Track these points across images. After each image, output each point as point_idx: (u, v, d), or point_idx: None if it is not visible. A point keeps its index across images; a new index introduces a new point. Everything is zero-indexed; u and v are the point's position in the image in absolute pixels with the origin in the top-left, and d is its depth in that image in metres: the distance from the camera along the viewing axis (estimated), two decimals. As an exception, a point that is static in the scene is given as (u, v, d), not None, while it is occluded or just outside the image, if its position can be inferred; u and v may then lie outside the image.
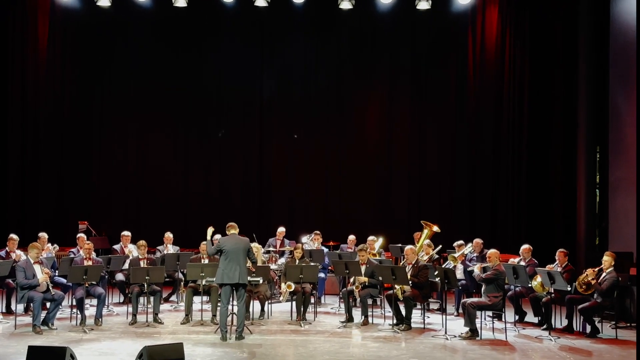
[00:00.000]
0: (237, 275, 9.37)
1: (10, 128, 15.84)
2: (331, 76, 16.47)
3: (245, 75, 16.43)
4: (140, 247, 11.45)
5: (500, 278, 9.97)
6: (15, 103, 15.85)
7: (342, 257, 12.07)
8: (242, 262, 9.47)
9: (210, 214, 15.95)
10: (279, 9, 15.68)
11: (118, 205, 16.30)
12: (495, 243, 13.04)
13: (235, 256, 9.43)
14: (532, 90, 15.62)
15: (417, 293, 10.36)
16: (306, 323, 10.63)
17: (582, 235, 14.68)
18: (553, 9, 15.46)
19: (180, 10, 15.36)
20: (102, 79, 16.42)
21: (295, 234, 14.14)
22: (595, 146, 14.89)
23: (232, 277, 9.38)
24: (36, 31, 15.87)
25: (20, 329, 9.99)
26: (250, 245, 9.76)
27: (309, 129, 16.46)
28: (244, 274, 9.44)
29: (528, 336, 10.10)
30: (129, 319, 10.56)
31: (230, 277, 9.39)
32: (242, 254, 9.48)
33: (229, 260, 9.41)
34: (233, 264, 9.39)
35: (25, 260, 10.09)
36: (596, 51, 14.75)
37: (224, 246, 9.50)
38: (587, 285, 10.07)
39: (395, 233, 14.73)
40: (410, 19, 15.98)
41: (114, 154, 16.45)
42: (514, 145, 15.67)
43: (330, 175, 16.42)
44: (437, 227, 12.58)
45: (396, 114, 16.37)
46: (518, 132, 15.67)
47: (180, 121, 16.54)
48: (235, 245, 9.48)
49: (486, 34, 15.87)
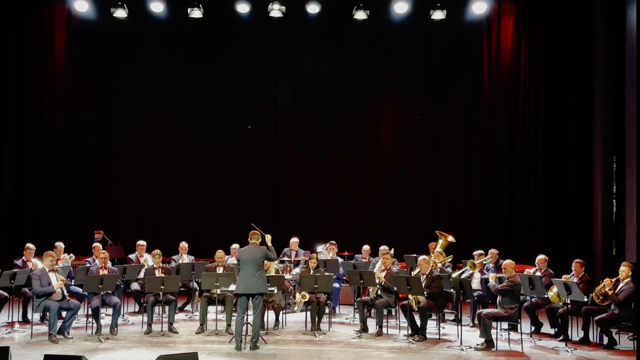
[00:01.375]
0: (251, 285, 9.42)
1: (27, 138, 15.95)
2: (345, 86, 16.50)
3: (259, 85, 16.49)
4: (156, 256, 11.49)
5: (515, 289, 9.91)
6: (32, 113, 15.97)
7: (356, 267, 12.05)
8: (258, 272, 9.49)
9: (224, 223, 16.04)
10: (294, 19, 15.73)
11: (133, 214, 16.36)
12: (511, 253, 12.98)
13: (250, 266, 9.47)
14: (547, 99, 15.56)
15: (432, 304, 10.32)
16: (321, 333, 10.61)
17: (598, 246, 14.56)
18: (568, 18, 15.41)
19: (195, 21, 15.47)
20: (118, 89, 16.52)
21: (309, 244, 14.14)
22: (612, 156, 14.78)
23: (247, 287, 9.43)
24: (53, 42, 16.00)
25: (37, 338, 10.04)
26: (265, 252, 9.72)
27: (323, 139, 16.46)
28: (259, 283, 9.46)
29: (544, 347, 10.02)
30: (144, 329, 10.59)
31: (245, 287, 9.44)
32: (256, 264, 9.51)
33: (245, 271, 9.47)
34: (248, 274, 9.44)
35: (41, 269, 10.15)
36: (612, 60, 14.67)
37: (240, 256, 9.62)
38: (604, 296, 9.99)
39: (410, 243, 14.71)
40: (424, 29, 15.98)
41: (130, 163, 16.54)
42: (530, 155, 15.59)
43: (345, 185, 16.41)
44: (452, 237, 12.53)
45: (410, 124, 16.34)
46: (534, 141, 15.59)
47: (195, 131, 16.61)
48: (250, 256, 9.53)
49: (501, 43, 15.83)
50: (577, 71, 15.33)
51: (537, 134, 15.58)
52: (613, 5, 14.59)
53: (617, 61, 14.50)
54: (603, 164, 14.72)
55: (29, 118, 15.97)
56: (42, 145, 16.07)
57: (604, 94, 14.77)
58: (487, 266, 11.79)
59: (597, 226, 14.66)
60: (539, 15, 15.66)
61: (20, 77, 15.96)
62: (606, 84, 14.73)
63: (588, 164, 15.04)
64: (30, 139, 15.98)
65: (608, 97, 14.72)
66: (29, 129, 15.98)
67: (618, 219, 14.57)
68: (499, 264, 11.32)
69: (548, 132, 15.52)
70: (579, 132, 15.25)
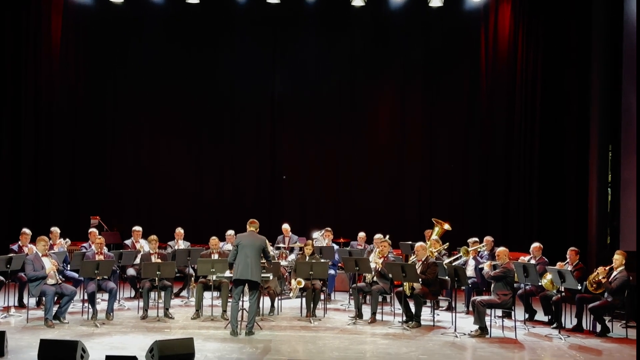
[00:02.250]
0: (249, 272, 9.44)
1: (24, 124, 15.91)
2: (343, 75, 16.49)
3: (257, 74, 16.47)
4: (152, 242, 11.53)
5: (509, 276, 9.97)
6: (29, 100, 15.93)
7: (352, 254, 12.09)
8: (255, 260, 9.52)
9: (221, 210, 16.08)
10: (291, 8, 15.68)
11: (130, 200, 16.39)
12: (507, 241, 13.01)
13: (250, 252, 9.49)
14: (544, 88, 15.55)
15: (427, 290, 10.37)
16: (316, 319, 10.66)
17: (593, 234, 14.61)
18: (566, 8, 15.37)
19: (192, 7, 15.40)
20: (115, 76, 16.49)
21: (306, 231, 14.17)
22: (607, 145, 14.80)
23: (243, 273, 9.45)
24: (49, 29, 15.95)
25: (33, 323, 10.07)
26: (267, 243, 9.79)
27: (321, 127, 16.48)
28: (256, 271, 9.49)
29: (538, 335, 10.08)
30: (140, 314, 10.64)
31: (242, 273, 9.46)
32: (255, 252, 9.53)
33: (244, 256, 9.48)
34: (247, 260, 9.46)
35: (34, 254, 10.18)
36: (609, 50, 14.66)
37: (239, 241, 9.62)
38: (597, 284, 10.05)
39: (406, 231, 14.78)
40: (422, 17, 15.96)
41: (126, 150, 16.54)
42: (526, 143, 15.61)
43: (342, 172, 16.43)
44: (448, 224, 12.56)
45: (408, 113, 16.36)
46: (530, 130, 15.61)
47: (193, 118, 16.59)
48: (251, 242, 9.56)
49: (499, 32, 15.83)
50: (574, 60, 15.31)
51: (534, 122, 15.58)
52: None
53: (614, 51, 14.49)
54: (599, 153, 14.74)
55: (25, 104, 15.93)
56: (39, 131, 16.05)
57: (600, 83, 14.76)
58: (481, 253, 11.85)
59: (592, 214, 14.70)
60: (536, 4, 15.62)
61: (16, 63, 15.90)
62: (603, 74, 14.72)
63: (584, 153, 15.05)
64: (27, 125, 15.95)
65: (605, 87, 14.71)
66: (25, 116, 15.94)
67: (613, 207, 14.61)
68: (494, 251, 11.36)
69: (545, 121, 15.53)
70: (576, 121, 15.26)
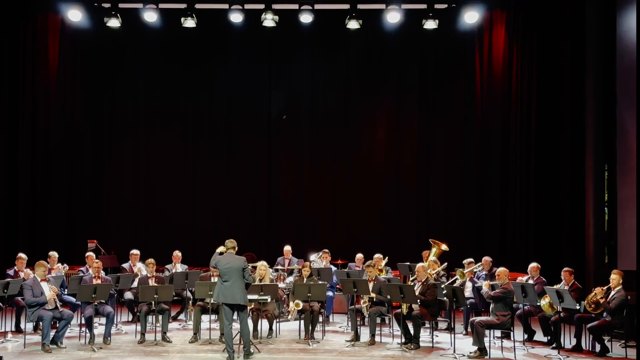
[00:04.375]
0: (231, 295, 9.34)
1: (20, 147, 15.92)
2: (339, 94, 16.55)
3: (253, 94, 16.53)
4: (149, 265, 11.50)
5: (508, 297, 9.96)
6: (26, 122, 15.93)
7: (350, 275, 12.07)
8: (238, 283, 9.38)
9: (218, 232, 16.01)
10: (287, 29, 15.75)
11: (127, 224, 16.35)
12: (504, 262, 12.99)
13: (229, 276, 9.37)
14: (539, 108, 15.61)
15: (425, 311, 10.35)
16: (314, 342, 10.63)
17: (590, 254, 14.62)
18: (560, 28, 15.50)
19: (189, 31, 15.47)
20: (112, 98, 16.52)
21: (303, 253, 14.15)
22: (603, 164, 14.86)
23: (227, 297, 9.36)
24: (46, 51, 16.00)
25: (30, 348, 10.01)
26: (246, 264, 9.60)
27: (317, 147, 16.51)
28: (240, 294, 9.39)
29: (537, 355, 10.06)
30: (138, 338, 10.59)
31: (225, 296, 9.36)
32: (235, 274, 9.39)
33: (224, 280, 9.39)
34: (227, 284, 9.36)
35: (33, 279, 10.15)
36: (603, 69, 14.77)
37: (218, 264, 9.53)
38: (596, 305, 10.04)
39: (403, 252, 14.75)
40: (417, 38, 16.04)
41: (123, 173, 16.53)
42: (522, 162, 15.64)
43: (339, 193, 16.44)
44: (445, 245, 12.58)
45: (404, 133, 16.40)
46: (526, 149, 15.65)
47: (189, 140, 16.63)
48: (227, 265, 9.44)
49: (493, 52, 15.92)
50: (568, 79, 15.39)
51: (530, 141, 15.63)
52: (604, 15, 14.71)
53: (608, 69, 14.60)
54: (595, 172, 14.80)
55: (22, 127, 15.94)
56: (36, 154, 16.04)
57: (595, 102, 14.86)
58: (477, 274, 11.84)
59: (589, 234, 14.72)
60: (530, 24, 15.72)
61: (14, 87, 15.94)
62: (597, 92, 14.83)
63: (580, 172, 15.10)
64: (24, 148, 15.94)
65: (599, 105, 14.81)
66: (22, 138, 15.94)
67: (610, 226, 14.63)
68: (492, 271, 11.35)
69: (540, 140, 15.58)
70: (571, 139, 15.32)
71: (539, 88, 15.63)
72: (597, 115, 14.82)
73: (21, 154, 15.94)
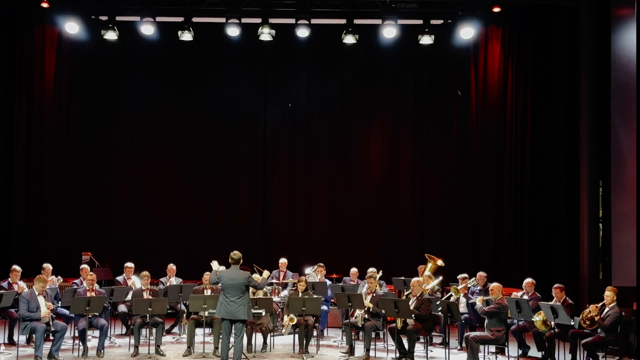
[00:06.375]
0: (233, 311, 9.28)
1: (15, 160, 15.92)
2: (335, 108, 16.59)
3: (249, 108, 16.55)
4: (144, 278, 11.47)
5: (502, 312, 9.96)
6: (21, 134, 15.93)
7: (344, 289, 12.06)
8: (240, 297, 9.34)
9: (213, 245, 15.98)
10: (283, 43, 15.82)
11: (121, 236, 16.31)
12: (498, 277, 13.02)
13: (233, 291, 9.33)
14: (534, 124, 15.71)
15: (420, 326, 10.33)
16: (309, 356, 10.60)
17: (585, 270, 14.60)
18: (555, 45, 15.62)
19: (186, 44, 15.52)
20: (108, 111, 16.51)
21: (297, 266, 14.13)
22: (598, 180, 14.90)
23: (229, 312, 9.31)
24: (43, 64, 16.02)
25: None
26: (251, 279, 9.54)
27: (312, 162, 16.52)
28: (241, 309, 9.33)
29: (531, 371, 10.05)
30: (131, 351, 10.56)
31: (227, 311, 9.32)
32: (238, 289, 9.36)
33: (228, 295, 9.35)
34: (230, 299, 9.32)
35: (30, 292, 10.10)
36: (597, 86, 14.81)
37: (221, 279, 9.46)
38: (590, 321, 10.03)
39: (398, 266, 14.74)
40: (413, 53, 16.12)
41: (118, 186, 16.48)
42: (517, 178, 15.69)
43: (333, 207, 16.43)
44: (441, 260, 12.57)
45: (399, 148, 16.43)
46: (521, 165, 15.70)
47: (185, 152, 16.62)
48: (231, 280, 9.39)
49: (488, 69, 16.01)
50: (563, 96, 15.50)
51: (524, 157, 15.69)
52: (599, 31, 14.79)
53: (602, 86, 14.66)
54: (589, 188, 14.82)
55: (17, 139, 15.94)
56: (31, 166, 16.02)
57: (589, 118, 14.90)
58: (472, 289, 11.84)
59: (583, 250, 14.71)
60: (526, 40, 15.84)
61: (9, 98, 15.95)
62: (592, 108, 14.87)
63: (574, 188, 15.13)
64: (19, 160, 15.94)
65: (594, 121, 14.86)
66: (17, 151, 15.93)
67: (605, 243, 14.65)
68: (487, 287, 11.36)
69: (535, 156, 15.65)
70: (566, 155, 15.39)
71: (533, 104, 15.73)
72: (592, 131, 14.84)
73: (16, 166, 15.92)
